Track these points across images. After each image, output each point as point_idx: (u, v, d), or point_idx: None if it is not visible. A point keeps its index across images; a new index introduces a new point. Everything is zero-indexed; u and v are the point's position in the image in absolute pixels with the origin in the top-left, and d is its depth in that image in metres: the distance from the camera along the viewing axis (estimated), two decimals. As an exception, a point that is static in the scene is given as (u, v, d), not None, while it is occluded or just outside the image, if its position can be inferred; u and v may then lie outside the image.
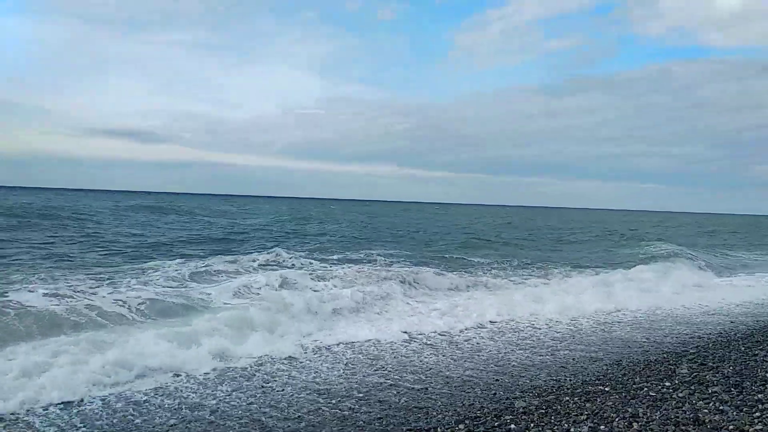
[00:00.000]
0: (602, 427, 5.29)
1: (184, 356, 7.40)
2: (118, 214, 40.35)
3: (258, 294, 11.56)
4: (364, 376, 7.29)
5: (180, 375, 6.98)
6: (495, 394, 6.63)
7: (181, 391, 6.49)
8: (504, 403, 6.26)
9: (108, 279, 12.31)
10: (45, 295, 9.95)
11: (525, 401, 6.24)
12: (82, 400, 5.97)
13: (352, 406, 6.13)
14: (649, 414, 5.62)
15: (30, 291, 10.27)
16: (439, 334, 9.83)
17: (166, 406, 6.02)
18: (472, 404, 6.23)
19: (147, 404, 6.03)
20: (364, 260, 18.33)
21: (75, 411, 5.74)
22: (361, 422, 5.66)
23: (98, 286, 11.30)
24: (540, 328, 10.62)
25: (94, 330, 8.40)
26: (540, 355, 8.56)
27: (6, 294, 9.87)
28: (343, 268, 15.87)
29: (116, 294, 10.57)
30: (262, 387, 6.75)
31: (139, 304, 9.90)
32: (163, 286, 11.85)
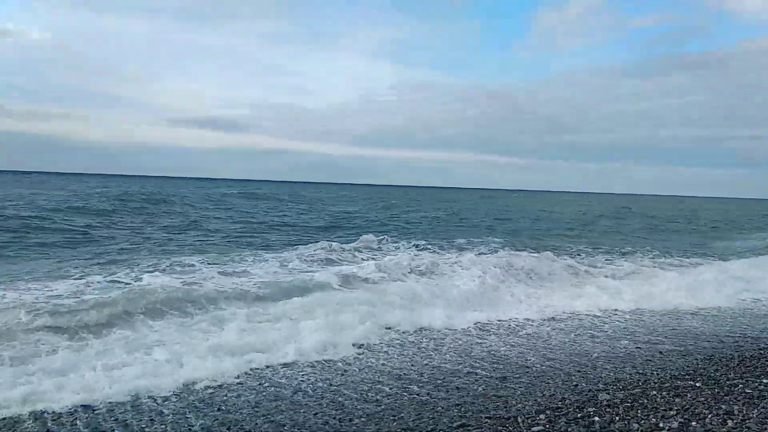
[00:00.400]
0: (694, 423, 5.05)
1: (275, 339, 7.66)
2: (216, 200, 42.85)
3: (359, 279, 11.68)
4: (441, 362, 7.30)
5: (267, 356, 7.13)
6: (577, 385, 6.46)
7: (268, 372, 6.70)
8: (586, 395, 6.09)
9: (221, 262, 13.24)
10: (170, 277, 11.02)
11: (609, 394, 6.05)
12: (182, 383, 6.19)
13: (430, 392, 6.15)
14: (745, 411, 5.32)
15: (155, 275, 11.25)
16: (520, 323, 9.69)
17: (252, 386, 6.27)
18: (553, 395, 6.11)
19: (235, 385, 6.30)
20: (457, 247, 18.61)
21: (169, 394, 6.01)
22: (439, 408, 5.68)
23: (214, 269, 12.22)
24: (625, 320, 10.24)
25: (215, 311, 8.84)
26: (624, 348, 8.26)
27: (140, 278, 10.84)
28: (438, 255, 16.14)
29: (231, 277, 11.48)
30: (343, 370, 6.89)
31: (253, 285, 10.50)
32: (272, 270, 12.56)
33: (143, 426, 5.10)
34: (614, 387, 6.36)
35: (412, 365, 7.16)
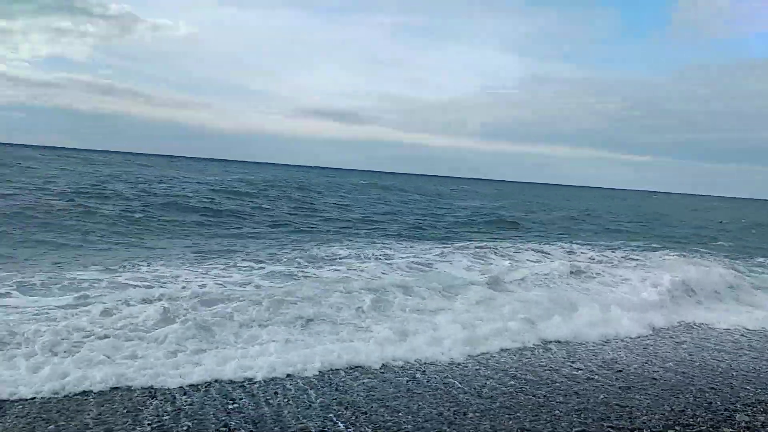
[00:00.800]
0: None
1: (410, 329, 7.83)
2: (348, 190, 44.98)
3: (505, 281, 11.21)
4: (559, 366, 7.07)
5: (394, 345, 7.23)
6: (711, 403, 5.99)
7: (389, 360, 6.78)
8: (722, 414, 5.64)
9: (369, 250, 14.29)
10: (330, 267, 11.96)
11: (748, 415, 5.56)
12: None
13: (547, 395, 5.98)
14: None
15: (317, 264, 12.17)
16: (649, 333, 9.14)
17: (370, 370, 6.45)
18: (683, 410, 5.71)
19: (353, 369, 6.50)
20: (599, 250, 18.19)
21: (295, 371, 6.31)
22: (557, 412, 5.51)
23: (372, 259, 13.20)
24: (771, 338, 9.33)
25: (376, 298, 8.97)
26: (767, 368, 7.53)
27: (307, 266, 11.78)
28: (585, 258, 15.79)
29: (387, 266, 12.35)
30: (459, 364, 6.87)
31: (407, 277, 10.99)
32: (417, 262, 13.15)
33: (268, 398, 5.43)
34: (755, 409, 5.83)
35: (528, 367, 6.99)
